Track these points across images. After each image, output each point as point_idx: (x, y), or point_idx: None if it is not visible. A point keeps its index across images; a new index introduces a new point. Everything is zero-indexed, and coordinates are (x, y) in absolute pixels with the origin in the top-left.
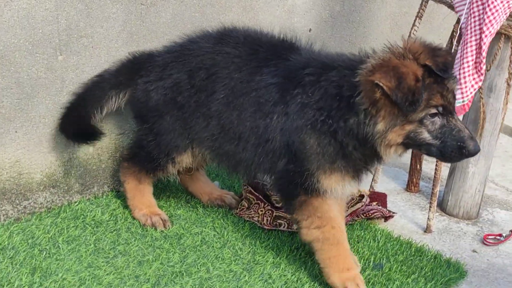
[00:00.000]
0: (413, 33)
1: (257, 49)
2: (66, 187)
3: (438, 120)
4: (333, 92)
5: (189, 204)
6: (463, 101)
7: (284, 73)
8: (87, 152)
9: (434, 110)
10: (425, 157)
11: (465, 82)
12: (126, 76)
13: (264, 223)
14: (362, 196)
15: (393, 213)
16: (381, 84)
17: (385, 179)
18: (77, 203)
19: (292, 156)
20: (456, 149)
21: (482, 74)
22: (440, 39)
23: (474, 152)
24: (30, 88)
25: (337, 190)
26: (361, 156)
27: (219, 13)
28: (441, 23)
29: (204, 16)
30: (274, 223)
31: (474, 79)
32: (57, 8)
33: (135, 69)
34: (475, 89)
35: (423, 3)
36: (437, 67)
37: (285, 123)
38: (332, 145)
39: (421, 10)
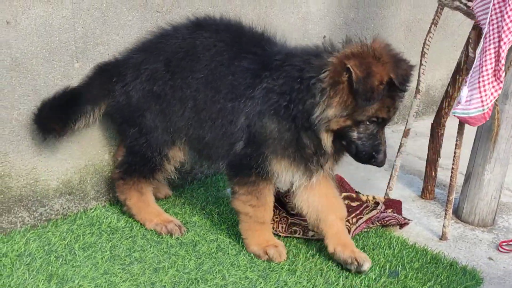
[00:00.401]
0: (428, 40)
1: (240, 36)
2: (82, 194)
3: (371, 128)
4: (295, 75)
5: (204, 211)
6: (483, 110)
7: (260, 61)
8: (102, 159)
9: (374, 119)
10: (440, 163)
11: (485, 91)
12: (98, 88)
13: (279, 230)
14: (377, 203)
15: (408, 220)
16: (352, 70)
17: (400, 186)
18: (92, 210)
19: (251, 140)
20: (368, 154)
21: (501, 82)
22: (454, 45)
23: (380, 165)
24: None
25: (284, 176)
26: (309, 142)
27: None
28: (455, 29)
29: None
30: (289, 230)
31: (493, 87)
32: (74, 16)
33: (106, 79)
34: (494, 97)
35: (439, 9)
36: (399, 83)
37: (250, 106)
38: (290, 130)
39: (436, 17)
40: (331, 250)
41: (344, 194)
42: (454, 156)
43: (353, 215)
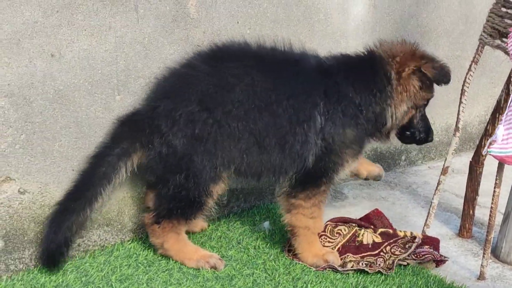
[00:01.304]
0: (468, 78)
1: (264, 58)
2: (120, 226)
3: (423, 110)
4: (368, 86)
5: (240, 245)
6: (509, 152)
7: (310, 78)
8: (140, 191)
9: (426, 102)
10: (478, 201)
11: (508, 143)
12: (129, 142)
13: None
14: (414, 237)
15: (445, 257)
16: (426, 71)
17: (437, 223)
18: (130, 242)
19: (326, 152)
20: (424, 134)
21: None
22: (492, 82)
23: (432, 140)
24: (88, 128)
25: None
26: (376, 139)
27: None
28: (494, 66)
29: None
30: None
31: None
32: (117, 49)
33: (135, 131)
34: None
35: (479, 48)
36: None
37: (324, 122)
38: (365, 135)
39: (477, 55)
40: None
41: (381, 229)
42: (493, 195)
43: (386, 243)
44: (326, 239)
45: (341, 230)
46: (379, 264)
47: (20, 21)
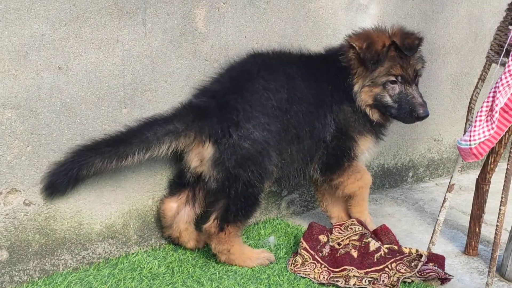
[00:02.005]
0: (475, 96)
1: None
2: (124, 239)
3: (397, 87)
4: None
5: None
6: (469, 144)
7: (319, 70)
8: (146, 204)
9: (393, 78)
10: (484, 219)
11: (475, 126)
12: (184, 125)
13: (320, 280)
14: (420, 256)
15: (450, 275)
16: (354, 44)
17: (443, 240)
18: (134, 255)
19: (338, 129)
20: (408, 112)
21: (493, 122)
22: None
23: (423, 116)
24: None
25: (366, 152)
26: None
27: None
28: None
29: None
30: (331, 279)
31: (487, 125)
32: (124, 62)
33: (197, 119)
34: (485, 136)
35: (486, 65)
36: (402, 45)
37: (332, 102)
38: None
39: (483, 73)
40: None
41: (386, 245)
42: (499, 213)
43: (392, 259)
44: (338, 230)
45: (354, 227)
46: (383, 281)
47: (28, 33)
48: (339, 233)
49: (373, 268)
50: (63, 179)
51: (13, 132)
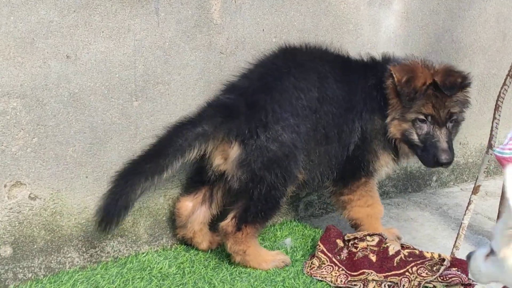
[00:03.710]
0: (503, 93)
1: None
2: (134, 237)
3: (425, 127)
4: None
5: None
6: (506, 154)
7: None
8: (157, 202)
9: (422, 117)
10: None
11: None
12: (213, 126)
13: (337, 283)
14: (443, 260)
15: (473, 281)
16: (394, 75)
17: (467, 246)
18: (144, 254)
19: (362, 139)
20: (431, 155)
21: None
22: None
23: (444, 162)
24: (103, 133)
25: (385, 170)
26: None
27: None
28: None
29: None
30: (349, 283)
31: None
32: (135, 53)
33: (225, 119)
34: None
35: None
36: (443, 84)
37: (362, 108)
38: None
39: None
40: None
41: (407, 250)
42: None
43: (413, 263)
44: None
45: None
46: (403, 285)
47: (35, 19)
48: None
49: (393, 272)
50: (113, 210)
51: (18, 123)
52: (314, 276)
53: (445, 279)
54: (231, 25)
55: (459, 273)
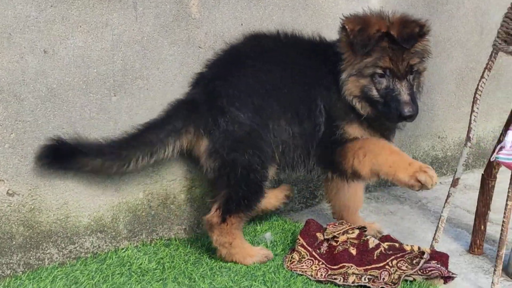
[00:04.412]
0: (481, 86)
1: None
2: (114, 233)
3: (384, 81)
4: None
5: None
6: None
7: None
8: (137, 197)
9: (380, 71)
10: (490, 218)
11: None
12: (182, 122)
13: (317, 277)
14: (422, 253)
15: (453, 274)
16: (346, 26)
17: (447, 239)
18: (124, 250)
19: (328, 118)
20: (394, 110)
21: None
22: (507, 96)
23: (406, 115)
24: (81, 129)
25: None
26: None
27: None
28: (509, 80)
29: None
30: (330, 277)
31: None
32: (114, 48)
33: (192, 113)
34: None
35: (493, 54)
36: (398, 35)
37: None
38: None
39: (490, 62)
40: None
41: (387, 243)
42: (506, 208)
43: (393, 257)
44: (332, 226)
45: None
46: (383, 279)
47: (11, 14)
48: (333, 227)
49: (373, 266)
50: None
51: None
52: (295, 270)
53: (424, 272)
54: (209, 19)
55: (439, 266)
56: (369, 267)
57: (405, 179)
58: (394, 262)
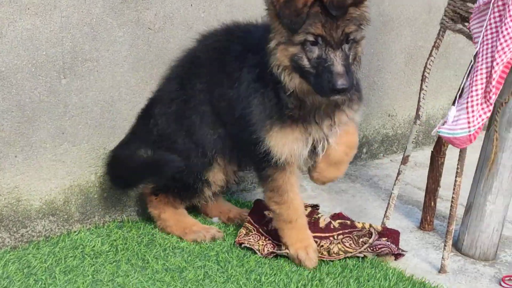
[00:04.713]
0: (429, 64)
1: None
2: (66, 216)
3: (316, 50)
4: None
5: None
6: (469, 131)
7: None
8: (88, 179)
9: (312, 38)
10: (440, 194)
11: (473, 111)
12: None
13: (264, 252)
14: (371, 234)
15: (403, 251)
16: None
17: (398, 216)
18: (76, 233)
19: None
20: (326, 82)
21: (491, 104)
22: (456, 74)
23: (340, 88)
24: (31, 112)
25: (283, 148)
26: (284, 96)
27: None
28: (457, 58)
29: None
30: (276, 250)
31: (482, 109)
32: (62, 30)
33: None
34: (483, 119)
35: (440, 32)
36: (329, 3)
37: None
38: (266, 90)
39: (438, 40)
40: None
41: (338, 220)
42: (455, 184)
43: (340, 232)
44: None
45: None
46: (322, 246)
47: None
48: None
49: (317, 234)
50: None
51: None
52: (242, 242)
53: (374, 249)
54: (159, 0)
55: (388, 243)
56: (313, 234)
57: (290, 251)
58: (340, 237)
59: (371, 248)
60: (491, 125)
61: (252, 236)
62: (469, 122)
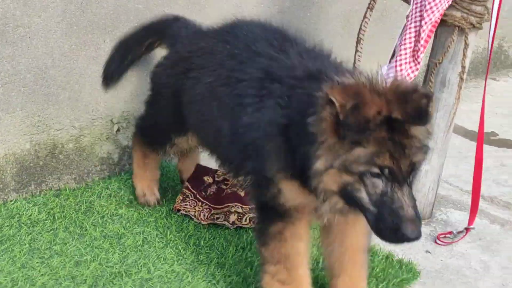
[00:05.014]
0: (364, 26)
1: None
2: (1, 185)
3: (380, 184)
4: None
5: (131, 204)
6: None
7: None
8: (23, 148)
9: (376, 170)
10: None
11: (401, 70)
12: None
13: (201, 218)
14: None
15: None
16: (334, 99)
17: None
18: (12, 202)
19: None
20: (391, 227)
21: (419, 63)
22: (393, 38)
23: (411, 238)
24: None
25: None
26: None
27: (164, 5)
28: (394, 22)
29: (148, 8)
30: (212, 217)
31: (410, 67)
32: None
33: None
34: (411, 78)
35: None
36: (405, 115)
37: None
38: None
39: (372, 2)
40: None
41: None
42: None
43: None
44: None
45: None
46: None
47: None
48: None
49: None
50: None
51: None
52: (178, 208)
53: None
54: None
55: None
56: (238, 204)
57: None
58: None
59: None
60: (426, 86)
61: (189, 202)
62: None
